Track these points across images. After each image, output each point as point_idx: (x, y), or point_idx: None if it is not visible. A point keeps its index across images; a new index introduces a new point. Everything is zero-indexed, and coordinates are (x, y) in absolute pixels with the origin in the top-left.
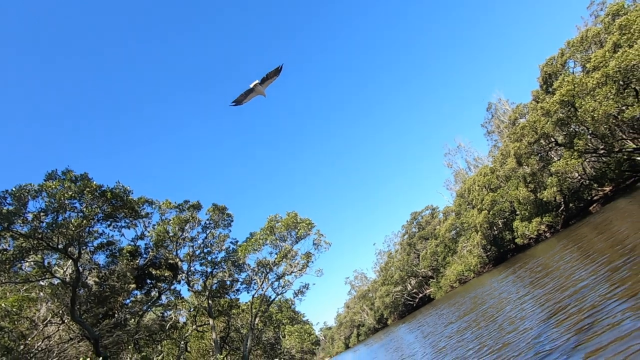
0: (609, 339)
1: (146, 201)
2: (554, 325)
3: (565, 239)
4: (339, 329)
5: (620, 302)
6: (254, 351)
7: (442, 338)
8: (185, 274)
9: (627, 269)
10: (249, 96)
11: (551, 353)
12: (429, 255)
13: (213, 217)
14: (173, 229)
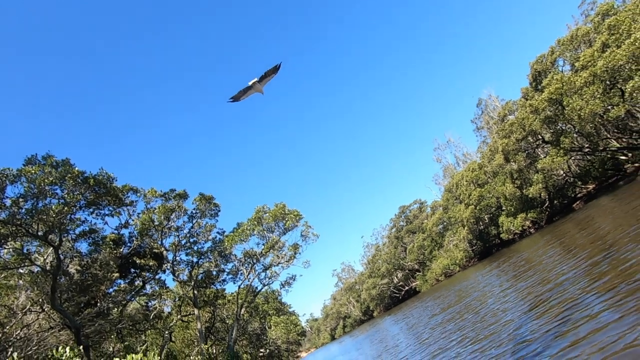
0: (587, 331)
1: (131, 189)
2: (535, 317)
3: (549, 235)
4: (325, 321)
5: (599, 295)
6: (240, 341)
7: (426, 330)
8: (171, 263)
9: (606, 263)
10: (247, 93)
11: (531, 344)
12: (416, 249)
13: (199, 207)
14: (158, 217)
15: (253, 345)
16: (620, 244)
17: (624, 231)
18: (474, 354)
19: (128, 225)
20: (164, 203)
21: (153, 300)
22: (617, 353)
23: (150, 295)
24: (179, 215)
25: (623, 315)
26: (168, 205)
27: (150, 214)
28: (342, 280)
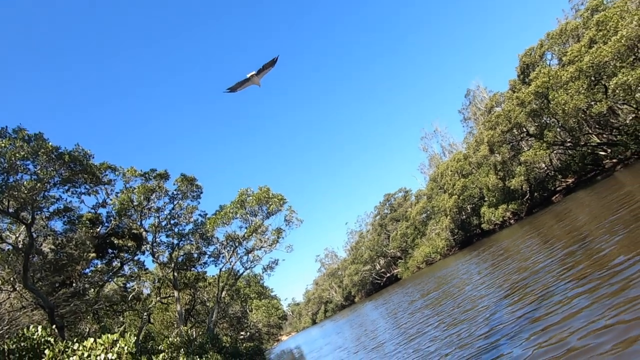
0: (559, 316)
1: (109, 167)
2: (510, 304)
3: (528, 226)
4: (307, 305)
5: (571, 283)
6: (220, 324)
7: (405, 315)
8: (150, 245)
9: (580, 253)
10: (244, 85)
11: (505, 328)
12: (399, 237)
13: (181, 188)
14: (138, 197)
15: (234, 328)
16: (594, 235)
17: (599, 223)
18: (450, 338)
19: (106, 204)
20: (144, 183)
21: (131, 281)
22: (585, 337)
23: (129, 276)
24: (159, 196)
25: (594, 301)
26: (148, 186)
27: (130, 193)
28: (325, 266)
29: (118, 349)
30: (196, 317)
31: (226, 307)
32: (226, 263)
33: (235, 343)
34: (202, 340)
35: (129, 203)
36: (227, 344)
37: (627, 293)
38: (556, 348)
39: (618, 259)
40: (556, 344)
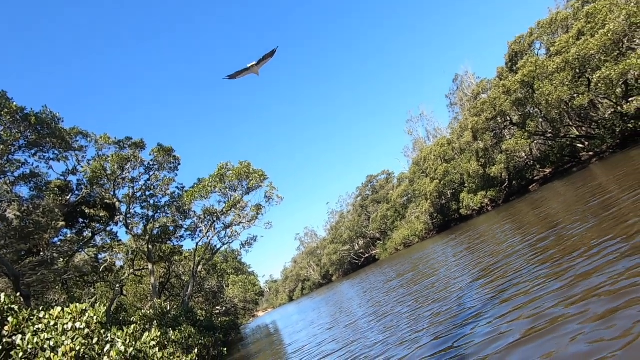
0: (527, 297)
1: (80, 132)
2: (482, 285)
3: (504, 213)
4: (285, 283)
5: (540, 267)
6: (196, 298)
7: (380, 294)
8: (124, 216)
9: (551, 240)
10: (243, 73)
11: (474, 306)
12: (379, 218)
13: (157, 159)
14: (111, 166)
15: (209, 303)
16: (565, 222)
17: (571, 212)
18: (422, 315)
19: (76, 171)
20: (118, 151)
21: (103, 252)
22: (552, 316)
23: (101, 247)
24: (134, 166)
25: (562, 285)
26: (123, 154)
27: (102, 161)
28: (304, 245)
29: (87, 318)
30: (171, 291)
31: (202, 282)
32: (203, 237)
33: (210, 317)
34: (177, 313)
35: (101, 171)
36: (202, 317)
37: (592, 277)
38: (523, 325)
39: (586, 245)
40: (524, 321)
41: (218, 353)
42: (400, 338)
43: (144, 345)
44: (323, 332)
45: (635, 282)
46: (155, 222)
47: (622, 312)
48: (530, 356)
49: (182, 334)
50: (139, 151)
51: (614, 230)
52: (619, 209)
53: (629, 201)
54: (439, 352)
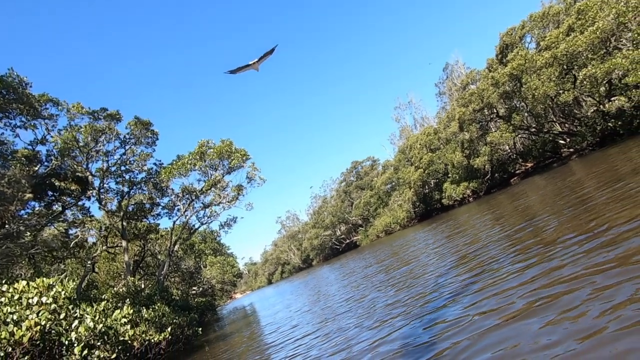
0: (500, 282)
1: (50, 100)
2: (458, 270)
3: (485, 204)
4: (264, 265)
5: (514, 256)
6: (171, 278)
7: (359, 278)
8: (97, 190)
9: (527, 231)
10: (244, 69)
11: (449, 289)
12: (362, 205)
13: (134, 132)
14: (84, 138)
15: (186, 283)
16: (541, 215)
17: (547, 205)
18: (398, 299)
19: (46, 141)
20: (92, 122)
21: (75, 228)
22: (523, 303)
23: (71, 222)
24: (109, 139)
25: (532, 273)
26: (97, 126)
27: (74, 132)
28: (286, 228)
29: (54, 293)
30: (145, 270)
31: (179, 262)
32: (181, 216)
33: (186, 297)
34: (151, 292)
35: (73, 143)
36: (177, 297)
37: (564, 268)
38: (496, 312)
39: (560, 237)
40: (496, 308)
41: (193, 333)
42: (375, 321)
43: (115, 322)
44: (301, 314)
45: (605, 273)
46: (130, 199)
47: (591, 303)
48: (499, 342)
49: (155, 312)
50: (115, 123)
51: (587, 224)
52: (594, 204)
53: (603, 197)
54: (411, 335)
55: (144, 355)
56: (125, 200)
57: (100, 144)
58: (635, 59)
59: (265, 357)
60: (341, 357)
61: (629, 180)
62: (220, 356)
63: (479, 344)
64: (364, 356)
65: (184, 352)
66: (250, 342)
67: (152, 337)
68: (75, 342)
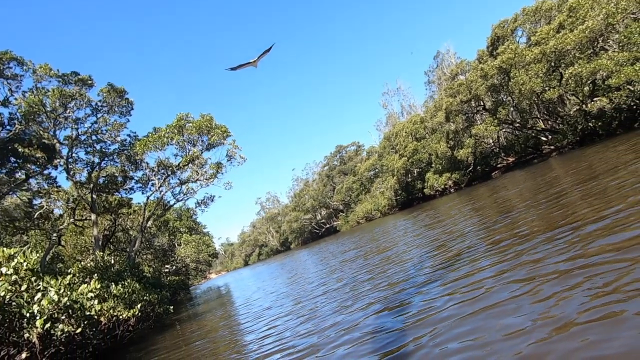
0: (475, 271)
1: (14, 58)
2: (434, 258)
3: (465, 195)
4: (241, 246)
5: (490, 245)
6: (143, 255)
7: (336, 262)
8: (65, 160)
9: (502, 223)
10: (243, 66)
11: (424, 275)
12: (344, 190)
13: (107, 100)
14: (52, 102)
15: (159, 261)
16: (518, 208)
17: (524, 199)
18: (373, 283)
19: (8, 103)
20: (61, 86)
21: (39, 197)
22: (493, 290)
23: (36, 192)
24: (79, 105)
25: (501, 262)
26: (66, 90)
27: (41, 95)
28: (265, 210)
29: (15, 264)
30: (116, 245)
31: (151, 238)
32: (155, 192)
33: (158, 275)
34: (121, 267)
35: (39, 107)
36: (149, 274)
37: (537, 261)
38: (470, 302)
39: (535, 230)
40: (468, 293)
41: (164, 311)
42: (350, 306)
43: (81, 296)
44: (276, 296)
45: (576, 266)
46: (101, 170)
47: (561, 294)
48: (470, 331)
49: (125, 288)
50: (86, 89)
51: (561, 218)
52: (569, 200)
53: (578, 194)
54: (383, 322)
55: (111, 331)
56: (95, 171)
57: (69, 110)
58: (619, 61)
59: (237, 337)
60: (313, 340)
61: (603, 179)
62: (191, 335)
63: (449, 332)
64: (337, 340)
65: (154, 330)
66: (222, 322)
67: (121, 314)
68: (37, 314)
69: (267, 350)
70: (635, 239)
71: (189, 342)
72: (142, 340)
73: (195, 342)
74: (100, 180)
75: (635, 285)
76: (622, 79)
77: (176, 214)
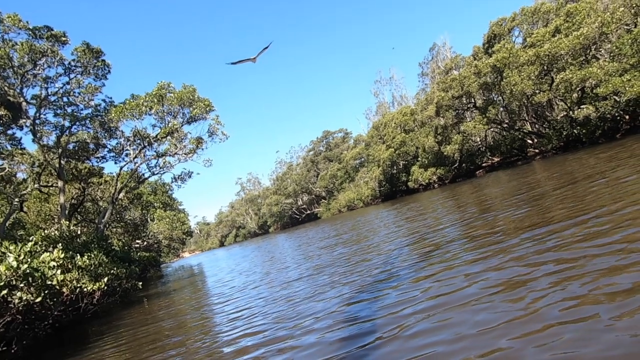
0: (447, 275)
1: None
2: (413, 250)
3: (448, 191)
4: (218, 226)
5: (467, 241)
6: (113, 227)
7: (315, 249)
8: (32, 120)
9: (481, 219)
10: (243, 61)
11: (401, 266)
12: (328, 177)
13: (82, 60)
14: (20, 57)
15: (129, 235)
16: (498, 207)
17: (504, 199)
18: (349, 271)
19: None
20: (31, 40)
21: (1, 159)
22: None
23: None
24: (51, 63)
25: (478, 257)
26: (37, 46)
27: (8, 48)
28: (245, 191)
29: None
30: (84, 215)
31: (123, 211)
32: (129, 162)
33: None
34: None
35: (5, 60)
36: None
37: (516, 259)
38: (445, 295)
39: (512, 228)
40: (444, 287)
41: (132, 286)
42: (324, 293)
43: (42, 264)
44: (250, 278)
45: (553, 266)
46: (71, 135)
47: (537, 293)
48: (444, 326)
49: (91, 260)
50: (59, 47)
51: (538, 219)
52: (547, 202)
53: (557, 197)
54: (356, 311)
55: (74, 303)
56: (65, 136)
57: (39, 67)
58: (609, 70)
59: (207, 318)
60: (285, 325)
61: (581, 184)
62: (159, 313)
63: (423, 324)
64: (310, 326)
65: (120, 305)
66: (192, 301)
67: (85, 286)
68: None
69: (237, 333)
70: (610, 244)
71: (156, 320)
72: (106, 315)
73: (163, 320)
74: (69, 146)
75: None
76: (609, 88)
77: (151, 187)
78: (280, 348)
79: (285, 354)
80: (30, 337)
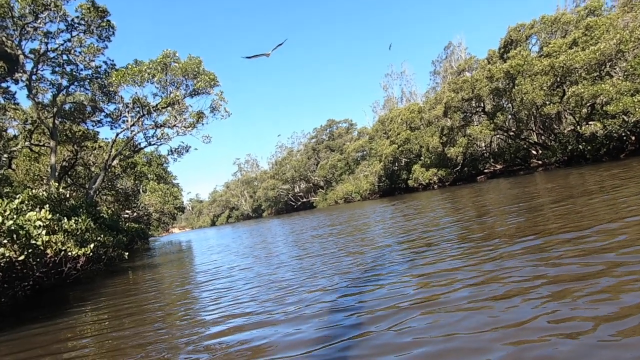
0: (441, 277)
1: None
2: (407, 246)
3: (448, 193)
4: (211, 205)
5: (460, 243)
6: (104, 195)
7: (307, 237)
8: (28, 75)
9: (477, 223)
10: (258, 56)
11: (393, 261)
12: (328, 167)
13: (86, 18)
14: (21, 8)
15: (120, 204)
16: (494, 213)
17: (501, 206)
18: (340, 263)
19: None
20: None
21: None
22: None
23: None
24: (53, 17)
25: (467, 261)
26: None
27: None
28: (242, 172)
29: None
30: (74, 179)
31: (115, 179)
32: (126, 130)
33: (117, 219)
34: (76, 203)
35: (6, 9)
36: (107, 216)
37: (501, 262)
38: (438, 295)
39: (506, 236)
40: (437, 287)
41: (118, 256)
42: (313, 280)
43: (28, 222)
44: (238, 258)
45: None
46: (68, 95)
47: (529, 298)
48: (430, 321)
49: (78, 225)
50: (63, 1)
51: (533, 230)
52: (544, 214)
53: (554, 210)
54: (342, 303)
55: (57, 266)
56: (62, 95)
57: (40, 20)
58: (621, 89)
59: (192, 294)
60: (270, 309)
61: (577, 200)
62: (143, 285)
63: (413, 321)
64: (296, 312)
65: (104, 273)
66: (178, 277)
67: (70, 250)
68: None
69: (221, 312)
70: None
71: (139, 291)
72: (89, 282)
73: (147, 292)
74: (65, 106)
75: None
76: (619, 107)
77: (146, 158)
78: (264, 332)
79: (269, 338)
80: (10, 296)
